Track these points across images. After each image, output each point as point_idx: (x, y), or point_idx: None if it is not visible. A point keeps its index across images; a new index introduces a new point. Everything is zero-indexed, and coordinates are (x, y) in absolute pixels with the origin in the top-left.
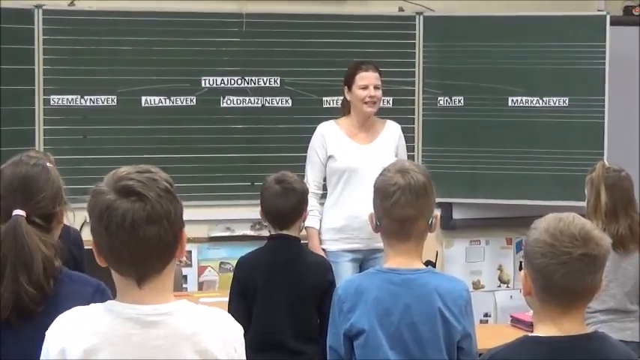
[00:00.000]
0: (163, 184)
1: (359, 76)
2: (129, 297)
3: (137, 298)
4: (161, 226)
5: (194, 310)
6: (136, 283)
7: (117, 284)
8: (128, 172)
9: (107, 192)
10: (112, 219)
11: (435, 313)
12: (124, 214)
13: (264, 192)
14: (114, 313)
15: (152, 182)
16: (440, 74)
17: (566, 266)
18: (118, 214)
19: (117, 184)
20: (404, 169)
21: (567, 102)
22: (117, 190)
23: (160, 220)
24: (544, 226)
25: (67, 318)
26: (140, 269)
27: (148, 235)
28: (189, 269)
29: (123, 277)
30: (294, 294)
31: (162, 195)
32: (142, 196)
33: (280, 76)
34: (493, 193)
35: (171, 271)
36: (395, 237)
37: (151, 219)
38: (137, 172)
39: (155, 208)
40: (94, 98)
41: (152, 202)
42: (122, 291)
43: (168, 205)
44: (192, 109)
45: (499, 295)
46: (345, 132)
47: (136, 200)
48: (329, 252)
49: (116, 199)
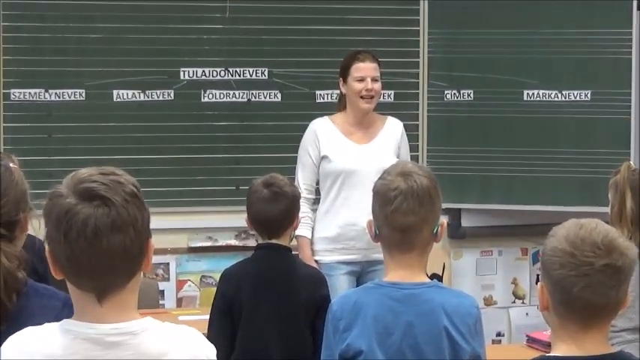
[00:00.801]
0: (130, 188)
1: (355, 67)
2: (88, 315)
3: (97, 316)
4: (127, 234)
5: (160, 328)
6: (95, 298)
7: (74, 300)
8: (90, 174)
9: (67, 195)
10: (72, 225)
11: (440, 332)
12: (86, 220)
13: (250, 196)
14: (71, 333)
15: (117, 185)
16: (447, 65)
17: (588, 278)
18: (78, 219)
19: (78, 187)
20: (406, 171)
21: (589, 96)
22: (78, 193)
23: (126, 227)
24: (563, 233)
25: (18, 339)
26: (101, 283)
27: (111, 245)
28: (167, 284)
29: (81, 292)
30: (284, 311)
31: (129, 200)
32: (106, 200)
33: (268, 67)
34: (507, 197)
35: (136, 286)
36: (396, 247)
37: (116, 226)
38: (100, 174)
39: (121, 214)
40: (60, 92)
41: (117, 208)
42: (80, 308)
43: (135, 212)
44: (170, 105)
45: (514, 312)
46: (340, 130)
47: (100, 205)
48: (322, 264)
49: (77, 204)
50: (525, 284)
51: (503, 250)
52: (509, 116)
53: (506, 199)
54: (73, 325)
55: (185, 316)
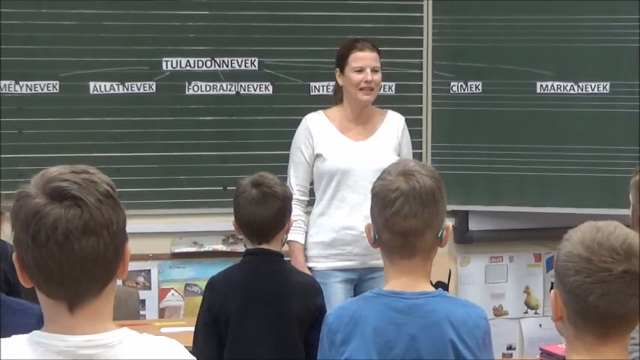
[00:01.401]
0: (104, 188)
1: (353, 56)
2: (58, 325)
3: (68, 327)
4: (100, 238)
5: (137, 340)
6: (67, 307)
7: (44, 309)
8: (61, 173)
9: (35, 195)
10: (41, 227)
11: (446, 346)
12: (56, 222)
13: (238, 198)
14: (41, 345)
15: (90, 184)
16: (453, 54)
17: (605, 285)
18: (48, 221)
19: (47, 186)
20: (408, 171)
21: (608, 88)
22: (48, 193)
23: (100, 230)
24: (579, 237)
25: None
26: (72, 291)
27: (84, 249)
28: (148, 292)
29: (52, 301)
30: (276, 323)
31: (103, 200)
32: (78, 200)
33: (259, 57)
34: (518, 199)
35: (111, 295)
36: (397, 253)
37: (89, 229)
38: (72, 173)
39: (94, 216)
40: (32, 84)
41: (90, 209)
42: (50, 317)
43: (110, 213)
44: (152, 98)
45: (526, 323)
46: (336, 125)
47: (71, 206)
48: (316, 271)
49: (46, 204)
50: (539, 293)
51: (514, 255)
52: (520, 110)
53: (517, 200)
54: (42, 337)
55: (168, 327)
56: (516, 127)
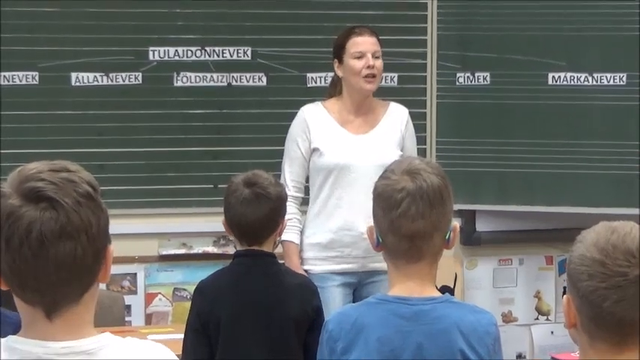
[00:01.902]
0: (84, 188)
1: (351, 42)
2: (36, 331)
3: (46, 334)
4: (78, 242)
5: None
6: (44, 314)
7: (21, 313)
8: (39, 171)
9: (10, 195)
10: (15, 231)
11: (455, 354)
12: (30, 225)
13: (229, 197)
14: (16, 352)
15: (69, 185)
16: (459, 44)
17: (621, 291)
18: (22, 224)
19: (23, 186)
20: (413, 169)
21: (625, 80)
22: (22, 193)
23: (77, 234)
24: (592, 239)
25: None
26: (48, 298)
27: (59, 254)
28: (134, 297)
29: (28, 306)
30: (271, 327)
31: (82, 202)
32: (54, 202)
33: (252, 46)
34: (528, 198)
35: (92, 300)
36: (403, 257)
37: (65, 233)
38: (50, 171)
39: (71, 219)
40: (9, 75)
41: (67, 212)
42: (27, 323)
43: (89, 216)
44: (137, 90)
45: (537, 330)
46: (335, 118)
47: (47, 208)
48: (313, 274)
49: (21, 206)
50: (550, 298)
51: (524, 258)
52: (531, 103)
53: (527, 199)
54: (19, 343)
55: (155, 335)
56: (526, 121)
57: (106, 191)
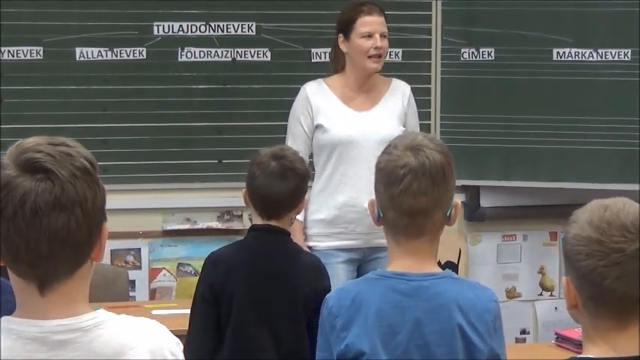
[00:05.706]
0: (80, 162)
1: (361, 20)
2: (29, 309)
3: (39, 311)
4: (72, 214)
5: (116, 323)
6: (36, 289)
7: (15, 290)
8: (37, 144)
9: (7, 166)
10: (9, 201)
11: (453, 330)
12: (25, 195)
13: (253, 167)
14: (12, 332)
15: (66, 158)
16: (464, 19)
17: (620, 267)
18: (16, 195)
19: (21, 157)
20: (416, 145)
21: (629, 55)
22: (20, 164)
23: (72, 207)
24: (586, 218)
25: None
26: (41, 271)
27: (53, 226)
28: (138, 272)
29: (21, 280)
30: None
31: (78, 175)
32: (50, 173)
33: (256, 22)
34: (533, 173)
35: (84, 278)
36: (403, 233)
37: (60, 204)
38: (49, 144)
39: (66, 190)
40: (13, 50)
41: (62, 183)
42: (22, 300)
43: (85, 190)
44: (142, 65)
45: (540, 306)
46: (337, 94)
47: (42, 179)
48: (316, 251)
49: (17, 176)
50: (554, 274)
51: (528, 234)
52: (536, 79)
53: (532, 175)
54: (14, 324)
55: (159, 310)
56: (531, 97)
57: (110, 166)
